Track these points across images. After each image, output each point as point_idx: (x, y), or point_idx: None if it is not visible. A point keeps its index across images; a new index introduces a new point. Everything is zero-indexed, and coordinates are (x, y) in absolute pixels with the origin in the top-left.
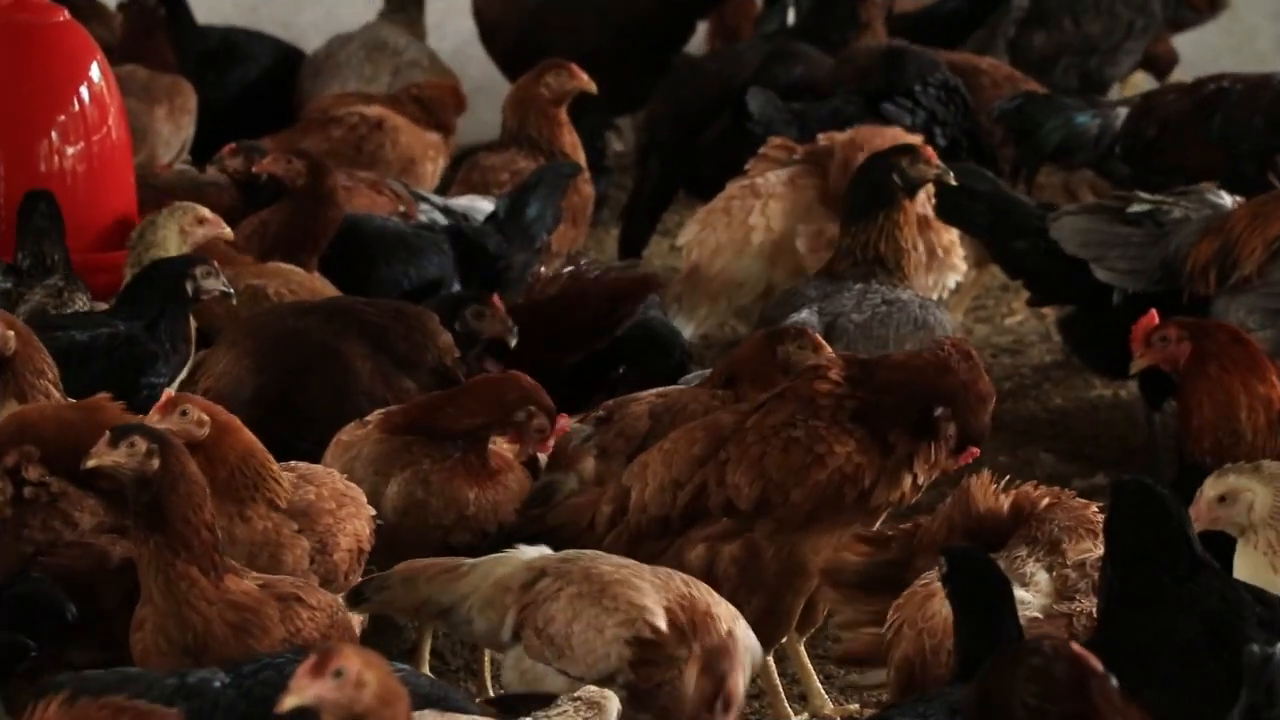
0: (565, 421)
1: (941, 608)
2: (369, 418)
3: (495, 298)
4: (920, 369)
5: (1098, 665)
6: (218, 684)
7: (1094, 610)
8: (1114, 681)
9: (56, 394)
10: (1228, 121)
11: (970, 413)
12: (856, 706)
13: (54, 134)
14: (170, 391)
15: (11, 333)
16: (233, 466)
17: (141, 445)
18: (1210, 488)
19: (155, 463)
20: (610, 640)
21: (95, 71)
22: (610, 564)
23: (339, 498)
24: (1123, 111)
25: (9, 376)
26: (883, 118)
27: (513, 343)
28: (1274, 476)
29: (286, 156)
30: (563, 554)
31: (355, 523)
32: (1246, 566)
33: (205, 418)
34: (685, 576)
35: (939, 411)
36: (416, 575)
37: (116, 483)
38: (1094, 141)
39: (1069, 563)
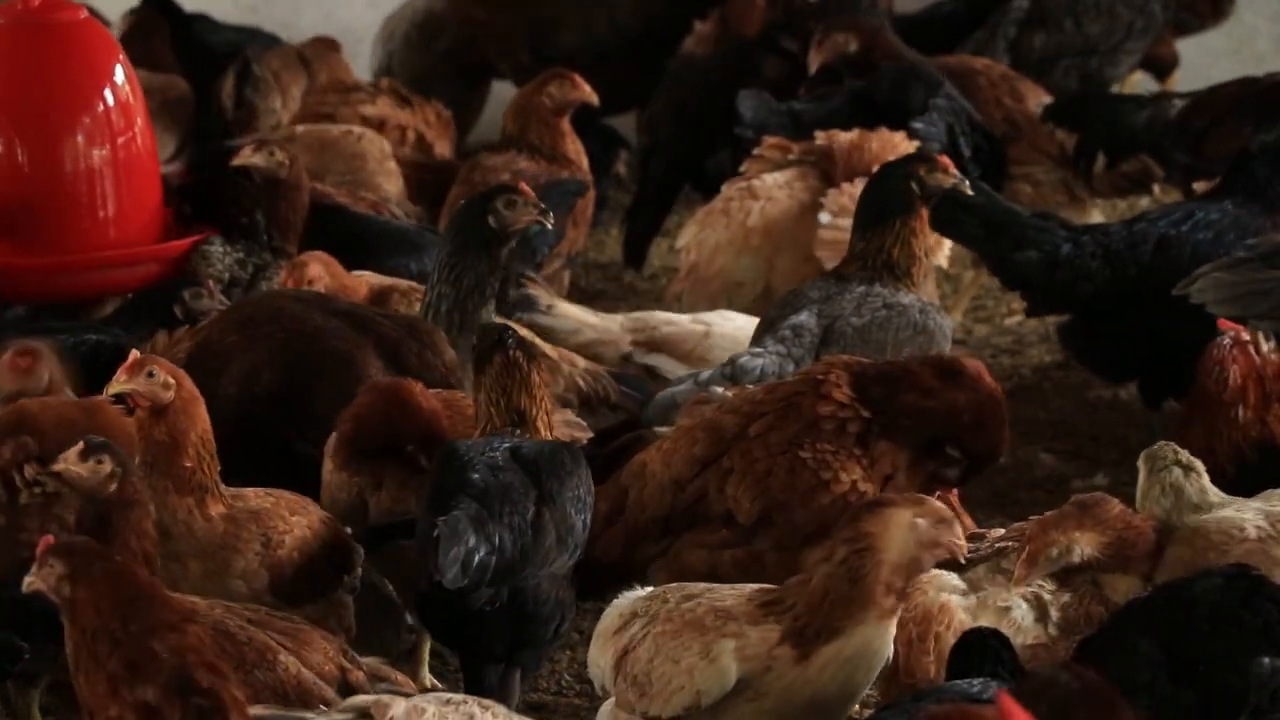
0: None
1: (922, 599)
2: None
3: (524, 185)
4: (953, 412)
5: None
6: None
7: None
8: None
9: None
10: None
11: (979, 464)
12: (854, 707)
13: (79, 131)
14: (138, 352)
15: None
16: (194, 443)
17: (107, 465)
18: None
19: (112, 486)
20: (685, 671)
21: (118, 69)
22: (695, 594)
23: (292, 506)
24: (1177, 103)
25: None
26: (875, 119)
27: (549, 225)
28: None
29: (269, 148)
30: (650, 593)
31: (305, 531)
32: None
33: (172, 381)
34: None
35: (953, 451)
36: None
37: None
38: (1143, 131)
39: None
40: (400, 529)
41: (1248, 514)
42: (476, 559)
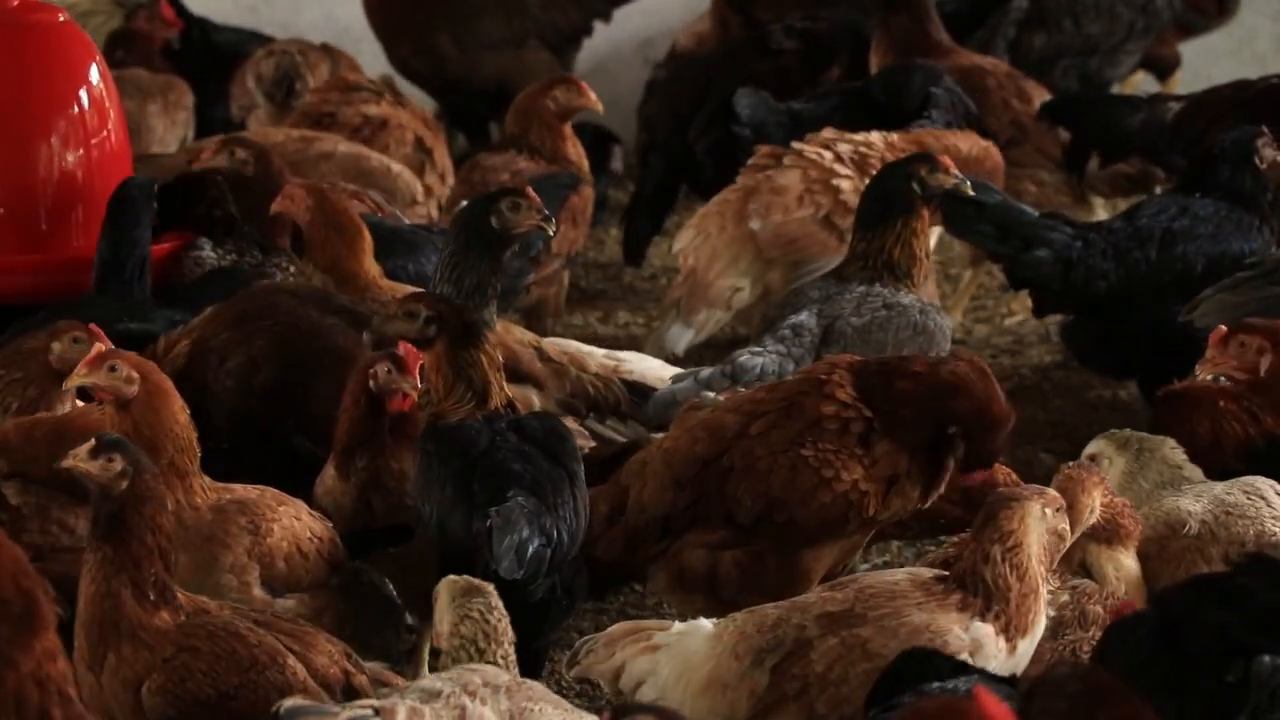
0: (413, 355)
1: None
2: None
3: (529, 190)
4: (938, 385)
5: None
6: None
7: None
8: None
9: None
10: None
11: (986, 434)
12: None
13: (53, 134)
14: (101, 346)
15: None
16: (164, 436)
17: (118, 464)
18: (1091, 444)
19: (124, 484)
20: None
21: (94, 72)
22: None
23: (279, 499)
24: (1173, 106)
25: None
26: (874, 118)
27: (552, 232)
28: (1128, 445)
29: (230, 148)
30: (751, 625)
31: (293, 521)
32: None
33: (135, 375)
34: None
35: (952, 430)
36: (615, 639)
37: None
38: (1137, 133)
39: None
40: (381, 535)
41: (1197, 505)
42: (530, 550)
